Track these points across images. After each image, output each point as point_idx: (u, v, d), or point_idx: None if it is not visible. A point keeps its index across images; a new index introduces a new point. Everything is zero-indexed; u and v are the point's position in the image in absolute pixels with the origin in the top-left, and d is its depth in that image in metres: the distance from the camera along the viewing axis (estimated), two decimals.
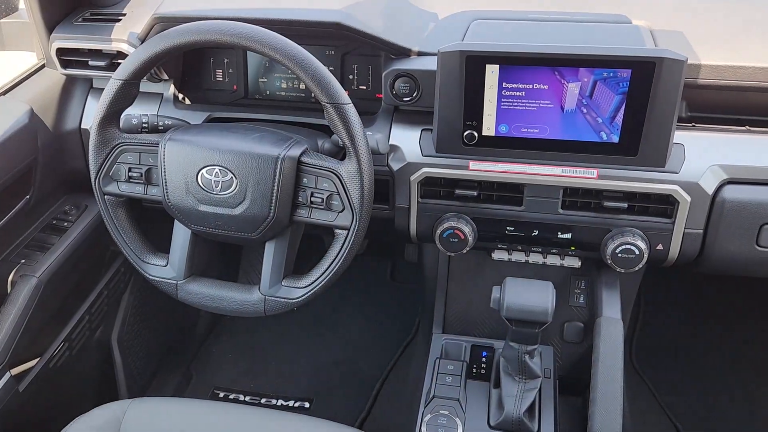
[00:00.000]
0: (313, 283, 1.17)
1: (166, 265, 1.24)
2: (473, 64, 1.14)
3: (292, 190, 1.12)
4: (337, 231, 1.14)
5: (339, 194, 1.11)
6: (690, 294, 2.10)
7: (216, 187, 1.13)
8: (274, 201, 1.11)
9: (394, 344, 2.00)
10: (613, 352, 1.20)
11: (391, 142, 1.29)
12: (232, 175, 1.11)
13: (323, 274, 1.16)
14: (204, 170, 1.12)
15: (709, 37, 1.27)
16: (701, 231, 1.21)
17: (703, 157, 1.18)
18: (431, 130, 1.26)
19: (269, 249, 1.19)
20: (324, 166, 1.11)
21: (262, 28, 1.05)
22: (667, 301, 2.09)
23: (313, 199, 1.13)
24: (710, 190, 1.17)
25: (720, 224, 1.19)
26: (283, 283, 1.19)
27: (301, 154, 1.12)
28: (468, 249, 1.28)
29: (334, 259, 1.15)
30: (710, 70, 1.19)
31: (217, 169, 1.12)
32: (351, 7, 1.27)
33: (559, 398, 1.32)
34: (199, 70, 1.46)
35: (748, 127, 1.22)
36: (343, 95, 1.07)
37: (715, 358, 1.93)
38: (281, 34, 1.06)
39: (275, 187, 1.10)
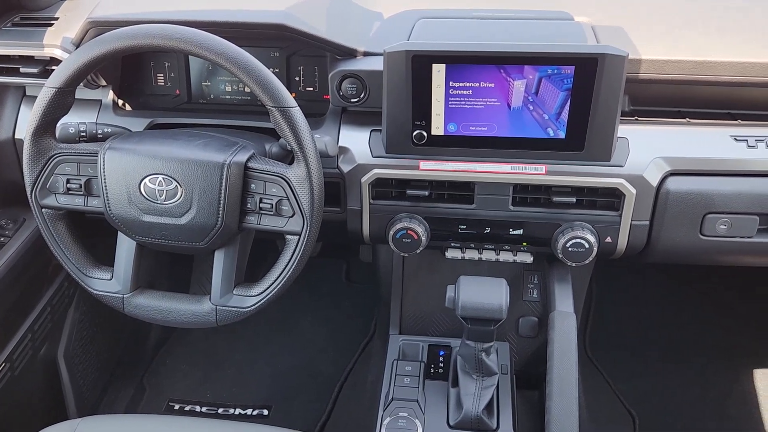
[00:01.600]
0: (265, 290, 1.15)
1: (111, 279, 1.20)
2: (419, 63, 1.13)
3: (239, 197, 1.10)
4: (288, 237, 1.12)
5: (288, 199, 1.09)
6: (640, 283, 2.15)
7: (160, 197, 1.09)
8: (221, 209, 1.08)
9: (352, 346, 1.99)
10: (567, 346, 1.21)
11: (340, 144, 1.27)
12: (176, 183, 1.08)
13: (276, 281, 1.14)
14: (147, 179, 1.09)
15: (648, 32, 1.30)
16: (647, 222, 1.23)
17: (646, 150, 1.20)
18: (380, 130, 1.25)
19: (219, 258, 1.16)
20: (272, 171, 1.09)
21: (202, 31, 1.02)
22: (618, 291, 2.14)
23: (262, 205, 1.11)
24: (654, 182, 1.20)
25: (665, 215, 1.22)
26: (234, 292, 1.17)
27: (248, 160, 1.10)
28: (421, 249, 1.28)
29: (287, 265, 1.13)
30: (650, 65, 1.21)
31: (160, 177, 1.08)
32: (294, 8, 1.25)
33: (516, 393, 1.33)
34: (139, 75, 1.41)
35: (688, 119, 1.25)
36: (289, 98, 1.05)
37: (666, 344, 1.98)
38: (222, 36, 1.04)
39: (222, 195, 1.08)
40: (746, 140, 1.20)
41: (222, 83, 1.41)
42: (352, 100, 1.25)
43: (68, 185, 1.13)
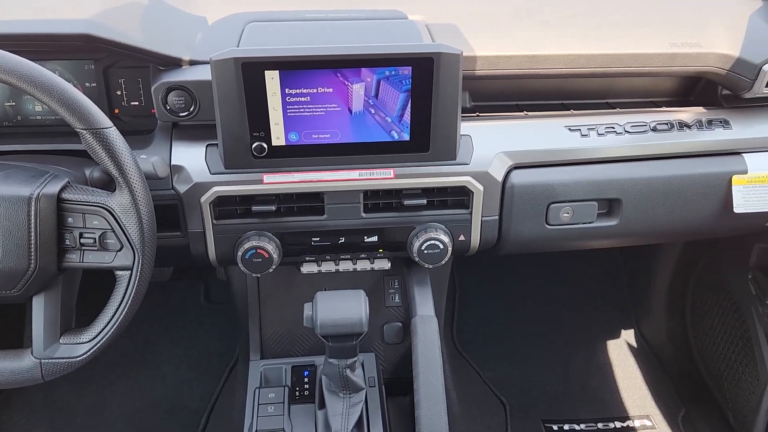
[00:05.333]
0: (98, 335, 1.02)
1: None
2: (250, 71, 1.06)
3: (54, 234, 0.96)
4: (118, 273, 1.01)
5: (114, 231, 0.97)
6: (499, 273, 2.21)
7: None
8: (33, 250, 0.94)
9: (217, 372, 1.87)
10: (430, 351, 1.19)
11: (173, 163, 1.16)
12: None
13: (109, 323, 1.02)
14: None
15: (481, 28, 1.30)
16: (497, 217, 1.24)
17: (489, 145, 1.21)
18: (217, 145, 1.15)
19: (38, 305, 1.01)
20: (90, 201, 0.97)
21: None
22: (480, 282, 2.19)
23: (83, 240, 0.98)
24: (499, 177, 1.21)
25: (512, 208, 1.23)
26: (61, 341, 1.03)
27: (62, 190, 0.96)
28: (274, 267, 1.20)
29: (120, 303, 1.01)
30: (485, 61, 1.21)
31: None
32: (103, 15, 1.12)
33: (389, 402, 1.30)
34: None
35: (526, 112, 1.27)
36: (101, 118, 0.93)
37: (528, 328, 2.06)
38: (19, 51, 0.90)
39: (32, 234, 0.94)
40: (579, 129, 1.24)
41: (30, 102, 1.24)
42: (182, 114, 1.14)
43: None
